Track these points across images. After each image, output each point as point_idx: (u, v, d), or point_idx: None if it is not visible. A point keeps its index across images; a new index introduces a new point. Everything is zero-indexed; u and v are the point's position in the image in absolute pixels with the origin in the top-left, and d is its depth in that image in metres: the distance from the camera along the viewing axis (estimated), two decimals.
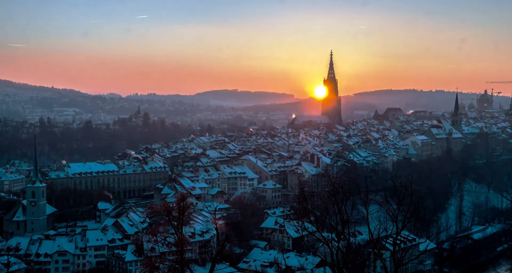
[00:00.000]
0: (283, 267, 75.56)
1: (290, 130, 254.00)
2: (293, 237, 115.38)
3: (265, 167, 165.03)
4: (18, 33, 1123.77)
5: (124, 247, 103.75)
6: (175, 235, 50.35)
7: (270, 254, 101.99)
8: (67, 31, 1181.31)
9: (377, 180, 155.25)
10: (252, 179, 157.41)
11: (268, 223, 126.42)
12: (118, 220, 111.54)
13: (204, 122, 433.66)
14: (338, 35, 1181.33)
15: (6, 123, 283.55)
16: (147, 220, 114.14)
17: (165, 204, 62.27)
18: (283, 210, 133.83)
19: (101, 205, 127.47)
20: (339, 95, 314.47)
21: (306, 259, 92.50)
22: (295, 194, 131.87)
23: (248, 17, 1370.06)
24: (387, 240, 60.66)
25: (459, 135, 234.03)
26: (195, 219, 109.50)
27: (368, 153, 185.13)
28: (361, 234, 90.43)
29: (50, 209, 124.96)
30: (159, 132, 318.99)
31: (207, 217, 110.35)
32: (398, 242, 39.55)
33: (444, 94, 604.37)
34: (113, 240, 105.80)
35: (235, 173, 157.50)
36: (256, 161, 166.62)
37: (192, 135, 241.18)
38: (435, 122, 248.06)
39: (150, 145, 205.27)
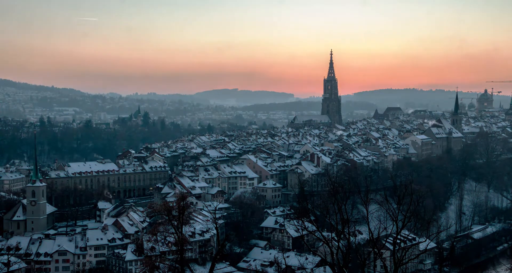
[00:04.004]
0: (283, 266, 75.65)
1: (290, 129, 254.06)
2: (293, 236, 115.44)
3: (265, 166, 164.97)
4: (18, 32, 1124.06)
5: (124, 247, 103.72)
6: (175, 235, 50.42)
7: (270, 254, 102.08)
8: (67, 31, 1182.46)
9: (377, 179, 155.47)
10: (252, 178, 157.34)
11: (268, 222, 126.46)
12: (118, 219, 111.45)
13: (204, 121, 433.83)
14: (338, 34, 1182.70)
15: (6, 123, 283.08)
16: (147, 219, 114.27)
17: (165, 204, 62.43)
18: (283, 210, 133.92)
19: (101, 204, 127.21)
20: (339, 94, 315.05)
21: (306, 259, 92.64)
22: (295, 193, 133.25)
23: (249, 17, 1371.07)
24: (387, 240, 60.73)
25: (459, 134, 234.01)
26: (195, 218, 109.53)
27: (368, 152, 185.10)
28: (361, 234, 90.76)
29: (50, 209, 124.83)
30: (159, 131, 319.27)
31: (207, 216, 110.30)
32: (398, 241, 39.54)
33: (444, 93, 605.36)
34: (113, 240, 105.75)
35: (235, 172, 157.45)
36: (256, 160, 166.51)
37: (192, 135, 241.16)
38: (435, 121, 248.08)
39: (150, 144, 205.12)
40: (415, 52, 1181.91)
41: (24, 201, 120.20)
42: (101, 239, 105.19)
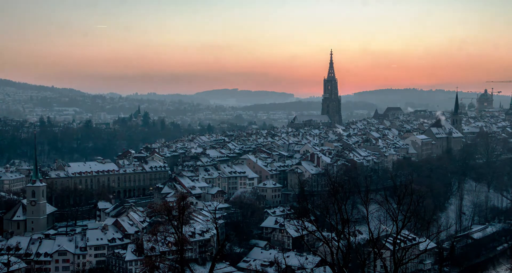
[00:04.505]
0: (283, 266, 75.63)
1: (290, 129, 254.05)
2: (293, 236, 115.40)
3: (265, 166, 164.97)
4: (18, 32, 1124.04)
5: (124, 247, 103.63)
6: (175, 235, 50.43)
7: (270, 254, 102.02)
8: (67, 31, 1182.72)
9: (377, 179, 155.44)
10: (252, 178, 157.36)
11: (268, 222, 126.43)
12: (118, 219, 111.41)
13: (204, 121, 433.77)
14: (338, 34, 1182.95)
15: (6, 123, 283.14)
16: (147, 219, 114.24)
17: (165, 204, 62.43)
18: (283, 210, 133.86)
19: (101, 204, 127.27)
20: (339, 94, 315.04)
21: (306, 259, 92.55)
22: (295, 193, 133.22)
23: (248, 17, 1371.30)
24: (387, 240, 60.74)
25: (459, 134, 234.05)
26: (195, 218, 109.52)
27: (368, 152, 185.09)
28: (361, 234, 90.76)
29: (50, 209, 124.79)
30: (159, 131, 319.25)
31: (207, 216, 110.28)
32: (398, 241, 39.54)
33: (444, 93, 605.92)
34: (113, 240, 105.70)
35: (235, 172, 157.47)
36: (256, 160, 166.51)
37: (192, 135, 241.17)
38: (435, 121, 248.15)
39: (150, 144, 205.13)
40: (415, 52, 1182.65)
41: (24, 201, 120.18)
42: (101, 239, 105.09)
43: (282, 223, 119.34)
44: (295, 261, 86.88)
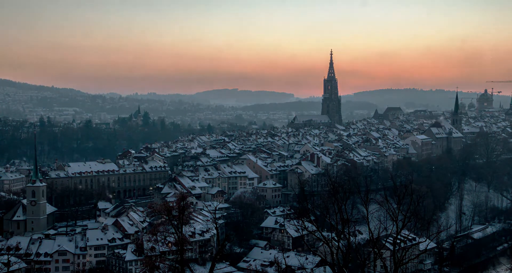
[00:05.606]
0: (283, 266, 75.52)
1: (290, 129, 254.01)
2: (293, 236, 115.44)
3: (265, 166, 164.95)
4: (18, 32, 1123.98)
5: (124, 247, 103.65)
6: (175, 235, 50.44)
7: (270, 254, 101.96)
8: (67, 31, 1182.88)
9: (377, 179, 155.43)
10: (252, 178, 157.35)
11: (268, 222, 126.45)
12: (118, 219, 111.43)
13: (204, 121, 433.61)
14: (338, 35, 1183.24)
15: (6, 123, 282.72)
16: (147, 219, 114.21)
17: (165, 204, 62.42)
18: (283, 210, 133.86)
19: (101, 205, 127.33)
20: (339, 94, 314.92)
21: (306, 259, 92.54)
22: (295, 193, 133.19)
23: (249, 17, 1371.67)
24: (387, 240, 60.74)
25: (459, 134, 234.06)
26: (195, 218, 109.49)
27: (368, 152, 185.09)
28: (361, 234, 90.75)
29: (50, 209, 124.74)
30: (159, 131, 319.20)
31: (207, 216, 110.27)
32: (398, 241, 39.54)
33: (444, 93, 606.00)
34: (113, 240, 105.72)
35: (235, 172, 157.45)
36: (256, 160, 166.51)
37: (192, 135, 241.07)
38: (435, 121, 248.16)
39: (150, 144, 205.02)
40: (415, 52, 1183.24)
41: (24, 201, 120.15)
42: (101, 239, 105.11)
43: (282, 223, 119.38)
44: (295, 261, 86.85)
